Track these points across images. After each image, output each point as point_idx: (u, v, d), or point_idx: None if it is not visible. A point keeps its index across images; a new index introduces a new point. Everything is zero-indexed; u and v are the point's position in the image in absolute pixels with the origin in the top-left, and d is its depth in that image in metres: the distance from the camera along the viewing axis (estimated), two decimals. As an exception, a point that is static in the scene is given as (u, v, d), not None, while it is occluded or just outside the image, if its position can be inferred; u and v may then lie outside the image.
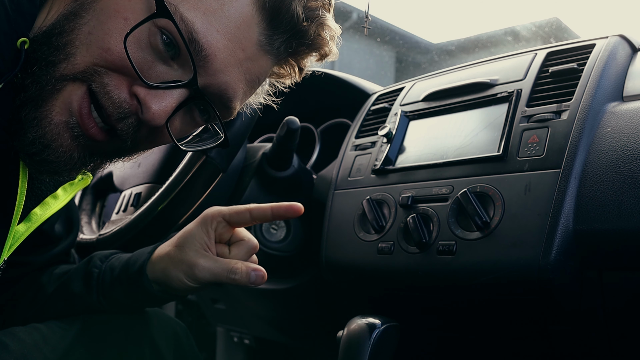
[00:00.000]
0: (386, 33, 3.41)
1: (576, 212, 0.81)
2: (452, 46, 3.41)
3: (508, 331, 0.97)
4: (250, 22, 0.72)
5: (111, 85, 0.68)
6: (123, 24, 0.66)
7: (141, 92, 0.68)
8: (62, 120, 0.67)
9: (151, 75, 0.69)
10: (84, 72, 0.67)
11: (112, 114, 0.68)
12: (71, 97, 0.67)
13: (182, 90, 0.70)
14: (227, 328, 1.83)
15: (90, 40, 0.66)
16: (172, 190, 1.01)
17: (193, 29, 0.67)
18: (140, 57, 0.68)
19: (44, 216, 0.86)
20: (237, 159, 1.20)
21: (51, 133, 0.67)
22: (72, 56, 0.66)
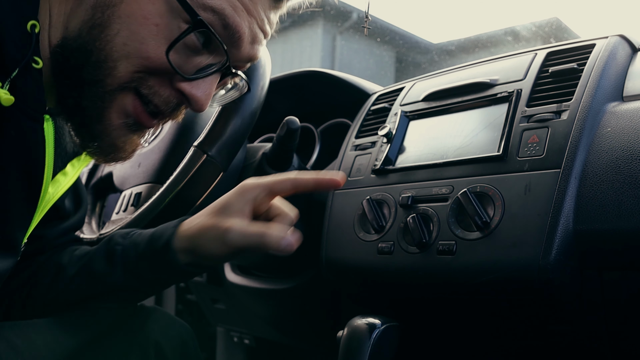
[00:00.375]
0: (386, 33, 3.41)
1: (576, 212, 0.81)
2: (452, 46, 3.41)
3: (508, 331, 0.97)
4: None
5: (156, 85, 0.74)
6: (156, 30, 0.70)
7: (185, 87, 0.75)
8: (120, 122, 0.75)
9: (188, 69, 0.75)
10: (129, 81, 0.72)
11: (165, 110, 0.77)
12: (124, 103, 0.74)
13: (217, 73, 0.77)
14: (227, 328, 1.83)
15: (127, 52, 0.70)
16: (172, 190, 1.01)
17: (225, 15, 0.72)
18: (177, 58, 0.72)
19: (57, 194, 0.88)
20: (237, 159, 1.20)
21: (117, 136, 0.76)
22: (114, 69, 0.71)
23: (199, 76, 0.75)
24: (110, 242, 0.93)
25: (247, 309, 1.55)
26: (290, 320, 1.48)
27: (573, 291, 0.84)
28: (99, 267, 0.91)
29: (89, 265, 0.92)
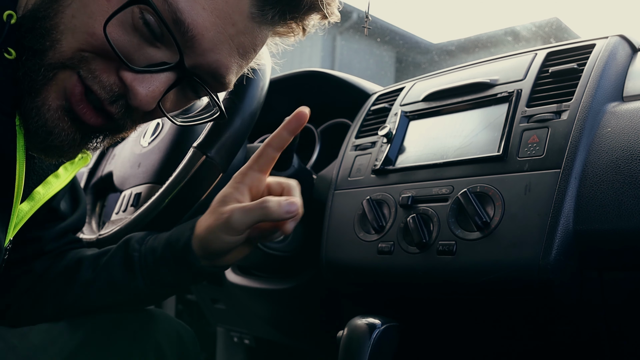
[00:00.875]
0: (386, 33, 3.41)
1: (576, 212, 0.81)
2: (452, 46, 3.41)
3: (508, 331, 0.97)
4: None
5: (99, 70, 0.67)
6: (106, 6, 0.64)
7: (128, 77, 0.67)
8: (59, 104, 0.67)
9: (137, 59, 0.67)
10: (71, 58, 0.66)
11: (104, 98, 0.68)
12: (64, 83, 0.67)
13: (170, 73, 0.69)
14: (227, 328, 1.83)
15: (74, 25, 0.65)
16: (172, 190, 1.01)
17: (177, 9, 0.65)
18: (125, 41, 0.66)
19: (47, 195, 0.85)
20: (237, 159, 1.19)
21: (52, 119, 0.67)
22: (58, 42, 0.65)
23: (146, 70, 0.67)
24: (127, 249, 0.93)
25: (247, 309, 1.55)
26: (290, 320, 1.48)
27: (573, 291, 0.84)
28: (119, 275, 0.91)
29: (107, 271, 0.92)
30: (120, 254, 0.93)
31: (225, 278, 1.47)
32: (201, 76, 0.72)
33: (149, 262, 0.90)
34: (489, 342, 1.04)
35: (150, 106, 0.69)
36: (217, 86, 0.74)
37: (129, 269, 0.91)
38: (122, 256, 0.92)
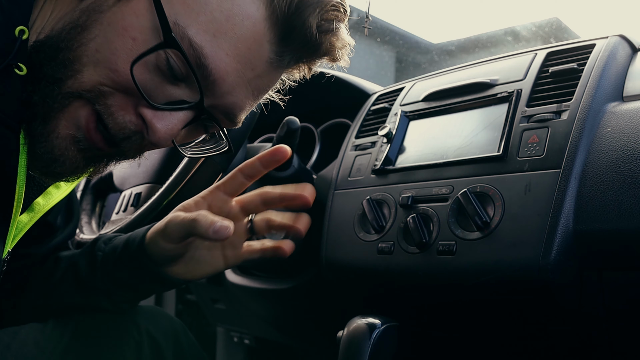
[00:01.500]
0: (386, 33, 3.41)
1: (576, 212, 0.81)
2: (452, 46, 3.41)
3: (508, 331, 0.97)
4: (261, 40, 0.70)
5: (115, 106, 0.68)
6: (131, 44, 0.66)
7: (148, 114, 0.68)
8: (69, 133, 0.68)
9: (157, 96, 0.69)
10: (89, 90, 0.67)
11: (116, 135, 0.69)
12: (78, 113, 0.68)
13: (188, 111, 0.70)
14: (227, 328, 1.83)
15: (97, 59, 0.66)
16: (172, 190, 1.02)
17: (202, 54, 0.67)
18: (147, 79, 0.67)
19: (46, 206, 0.85)
20: (237, 159, 1.19)
21: (59, 147, 0.68)
22: (79, 73, 0.66)
23: (166, 107, 0.68)
24: (93, 248, 0.93)
25: (247, 309, 1.55)
26: (290, 320, 1.48)
27: (573, 291, 0.84)
28: (83, 273, 0.91)
29: (73, 271, 0.93)
30: (87, 252, 0.93)
31: (225, 278, 1.47)
32: (215, 115, 0.74)
33: (109, 261, 0.90)
34: (488, 342, 1.04)
35: (167, 143, 0.71)
36: (227, 123, 0.76)
37: (92, 267, 0.91)
38: (88, 254, 0.93)
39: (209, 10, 0.67)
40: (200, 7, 0.67)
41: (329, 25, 0.74)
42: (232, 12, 0.68)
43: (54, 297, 0.93)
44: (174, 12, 0.65)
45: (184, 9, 0.66)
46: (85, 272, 0.91)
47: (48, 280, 0.95)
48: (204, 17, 0.67)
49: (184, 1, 0.66)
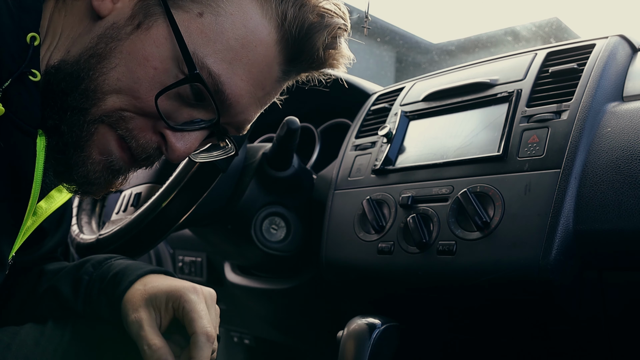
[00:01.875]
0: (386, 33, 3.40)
1: (576, 212, 0.81)
2: (452, 46, 3.41)
3: (508, 331, 0.97)
4: (272, 63, 0.74)
5: (137, 129, 0.71)
6: (153, 73, 0.68)
7: (168, 134, 0.72)
8: (102, 159, 0.72)
9: (176, 118, 0.73)
10: (110, 116, 0.69)
11: (139, 155, 0.73)
12: (107, 139, 0.71)
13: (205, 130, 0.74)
14: (227, 328, 1.83)
15: (119, 87, 0.68)
16: (172, 190, 1.01)
17: (219, 81, 0.70)
18: (167, 105, 0.71)
19: (49, 210, 0.86)
20: (237, 159, 1.19)
21: (94, 171, 0.72)
22: (102, 101, 0.69)
23: (185, 128, 0.72)
24: (81, 269, 0.93)
25: (247, 309, 1.55)
26: (290, 320, 1.48)
27: (573, 291, 0.84)
28: (65, 292, 0.91)
29: (56, 286, 0.92)
30: (73, 272, 0.93)
31: (225, 278, 1.47)
32: (227, 129, 0.78)
33: (94, 289, 0.90)
34: (488, 341, 1.04)
35: (184, 158, 0.75)
36: (235, 133, 0.80)
37: (75, 289, 0.91)
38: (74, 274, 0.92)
39: (225, 39, 0.70)
40: (217, 36, 0.69)
41: (333, 43, 0.77)
42: (246, 40, 0.71)
43: (35, 309, 0.93)
44: (192, 42, 0.68)
45: (201, 39, 0.69)
46: (67, 291, 0.91)
47: (30, 294, 0.94)
48: (220, 46, 0.69)
49: (201, 30, 0.69)
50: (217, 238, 1.34)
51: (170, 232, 1.06)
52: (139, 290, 0.85)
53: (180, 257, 1.72)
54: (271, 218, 1.22)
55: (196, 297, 0.82)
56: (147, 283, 0.86)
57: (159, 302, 0.83)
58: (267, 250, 1.21)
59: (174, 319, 0.84)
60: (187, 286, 0.84)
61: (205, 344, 0.78)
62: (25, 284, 0.96)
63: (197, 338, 0.78)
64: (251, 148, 1.26)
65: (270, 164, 1.19)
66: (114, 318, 0.87)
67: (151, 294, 0.84)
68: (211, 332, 0.79)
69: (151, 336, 0.79)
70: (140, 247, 1.08)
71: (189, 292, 0.83)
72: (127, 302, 0.85)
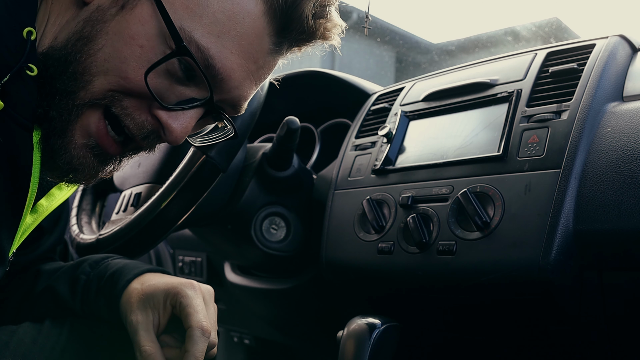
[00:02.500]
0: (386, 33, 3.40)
1: (576, 212, 0.81)
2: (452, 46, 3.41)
3: (508, 331, 0.97)
4: (262, 34, 0.73)
5: (132, 107, 0.71)
6: (139, 51, 0.68)
7: (162, 115, 0.71)
8: (83, 142, 0.71)
9: (169, 97, 0.72)
10: (102, 97, 0.69)
11: (136, 134, 0.72)
12: (89, 121, 0.70)
13: (199, 108, 0.73)
14: (227, 328, 1.83)
15: (107, 68, 0.68)
16: (172, 190, 1.01)
17: (209, 55, 0.69)
18: (158, 83, 0.70)
19: (50, 207, 0.86)
20: (237, 159, 1.19)
21: (77, 156, 0.71)
22: (90, 84, 0.68)
23: (179, 107, 0.71)
24: (78, 269, 0.93)
25: (247, 309, 1.55)
26: (290, 320, 1.48)
27: (573, 291, 0.84)
28: (62, 291, 0.91)
29: (54, 287, 0.92)
30: (70, 271, 0.93)
31: (225, 278, 1.47)
32: (222, 107, 0.77)
33: (91, 289, 0.89)
34: (488, 341, 1.04)
35: (182, 140, 0.74)
36: (232, 112, 0.79)
37: (72, 289, 0.91)
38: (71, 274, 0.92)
39: (211, 12, 0.69)
40: (203, 10, 0.68)
41: (322, 11, 0.76)
42: (233, 12, 0.70)
43: (33, 309, 0.93)
44: (179, 18, 0.67)
45: (187, 14, 0.68)
46: (65, 291, 0.91)
47: (28, 294, 0.94)
48: (207, 20, 0.69)
49: (186, 5, 0.68)
50: (217, 238, 1.34)
51: (171, 232, 1.06)
52: (136, 289, 0.85)
53: (180, 257, 1.72)
54: (271, 218, 1.22)
55: (193, 292, 0.83)
56: (144, 282, 0.86)
57: (157, 301, 0.83)
58: (267, 250, 1.21)
59: (173, 316, 0.84)
60: (184, 282, 0.84)
61: (200, 337, 0.77)
62: (22, 284, 0.96)
63: (192, 332, 0.78)
64: (251, 148, 1.26)
65: (270, 164, 1.19)
66: (112, 317, 0.87)
67: (148, 294, 0.84)
68: (207, 326, 0.79)
69: (144, 341, 0.79)
70: (140, 247, 1.08)
71: (185, 287, 0.83)
72: (124, 302, 0.85)
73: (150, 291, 0.84)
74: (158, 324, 0.83)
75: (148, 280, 0.87)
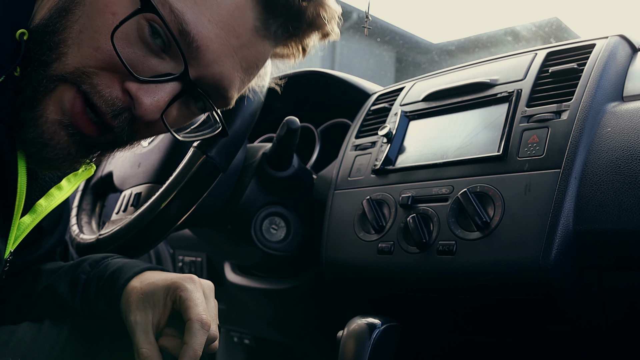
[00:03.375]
0: (386, 33, 3.41)
1: (576, 212, 0.81)
2: (452, 46, 3.41)
3: (508, 331, 0.97)
4: (244, 7, 0.70)
5: (102, 84, 0.67)
6: (111, 19, 0.65)
7: (133, 88, 0.68)
8: (56, 119, 0.68)
9: (143, 70, 0.68)
10: (72, 73, 0.67)
11: (106, 112, 0.68)
12: (63, 97, 0.67)
13: (175, 83, 0.70)
14: (227, 328, 1.83)
15: (81, 39, 0.66)
16: (172, 190, 1.01)
17: (183, 20, 0.66)
18: (130, 52, 0.67)
19: (49, 207, 0.85)
20: (237, 159, 1.19)
21: (48, 132, 0.68)
22: (64, 56, 0.66)
23: (151, 80, 0.68)
24: (78, 268, 0.92)
25: (247, 309, 1.55)
26: (290, 320, 1.48)
27: (573, 291, 0.84)
28: (62, 291, 0.90)
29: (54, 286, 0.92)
30: (70, 271, 0.93)
31: (225, 278, 1.47)
32: (205, 89, 0.73)
33: (91, 289, 0.89)
34: (488, 342, 1.04)
35: (154, 116, 0.69)
36: (219, 101, 0.76)
37: (72, 288, 0.90)
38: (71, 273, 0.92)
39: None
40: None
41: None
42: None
43: (33, 309, 0.93)
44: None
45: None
46: (65, 291, 0.90)
47: (28, 294, 0.94)
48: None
49: None
50: (217, 238, 1.34)
51: (171, 232, 1.06)
52: (136, 288, 0.84)
53: (180, 257, 1.72)
54: (271, 218, 1.22)
55: (193, 286, 0.81)
56: (144, 280, 0.86)
57: (156, 299, 0.82)
58: (267, 250, 1.21)
59: (174, 313, 0.83)
60: (183, 277, 0.83)
61: (199, 330, 0.76)
62: (22, 284, 0.96)
63: (191, 324, 0.76)
64: (251, 148, 1.26)
65: (270, 164, 1.19)
66: (112, 316, 0.87)
67: (147, 292, 0.83)
68: (206, 319, 0.77)
69: (142, 343, 0.78)
70: (140, 247, 1.08)
71: (185, 281, 0.82)
72: (124, 301, 0.85)
73: (150, 289, 0.83)
74: (158, 323, 0.82)
75: (147, 278, 0.86)
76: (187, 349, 0.75)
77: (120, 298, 0.85)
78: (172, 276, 0.85)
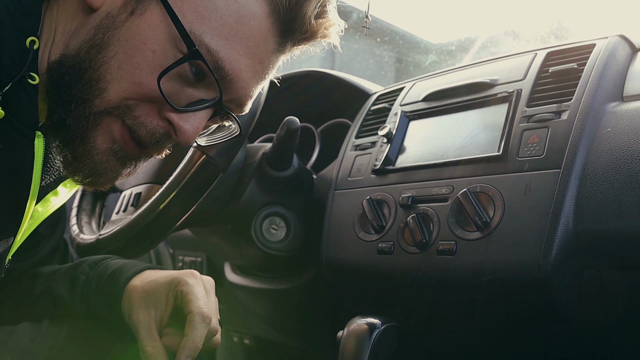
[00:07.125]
0: (386, 33, 3.40)
1: (576, 212, 0.81)
2: (452, 46, 3.41)
3: (508, 331, 0.97)
4: (267, 35, 0.74)
5: (143, 115, 0.72)
6: (151, 56, 0.69)
7: (174, 118, 0.73)
8: (107, 147, 0.73)
9: (179, 99, 0.73)
10: (116, 107, 0.70)
11: (149, 141, 0.74)
12: (111, 128, 0.72)
13: (209, 109, 0.75)
14: (227, 328, 1.83)
15: (120, 75, 0.69)
16: (172, 190, 1.01)
17: (218, 58, 0.71)
18: (169, 87, 0.71)
19: (45, 213, 0.86)
20: (237, 159, 1.19)
21: (101, 161, 0.73)
22: (105, 91, 0.69)
23: (189, 109, 0.73)
24: (77, 269, 0.93)
25: (247, 309, 1.55)
26: (290, 320, 1.48)
27: (573, 291, 0.84)
28: (61, 291, 0.91)
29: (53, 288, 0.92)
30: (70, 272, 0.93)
31: (225, 278, 1.47)
32: (229, 107, 0.78)
33: (91, 289, 0.90)
34: (488, 341, 1.04)
35: (193, 140, 0.75)
36: (237, 111, 0.81)
37: (72, 289, 0.91)
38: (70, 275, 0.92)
39: (219, 16, 0.70)
40: (211, 14, 0.70)
41: (323, 11, 0.78)
42: (240, 14, 0.71)
43: (32, 311, 0.93)
44: (188, 21, 0.69)
45: (196, 17, 0.69)
46: (64, 291, 0.91)
47: (26, 296, 0.94)
48: (215, 23, 0.70)
49: (195, 9, 0.69)
50: (217, 238, 1.34)
51: (171, 232, 1.06)
52: (137, 286, 0.85)
53: (180, 257, 1.72)
54: (271, 218, 1.22)
55: (194, 280, 0.83)
56: (144, 279, 0.87)
57: (158, 297, 0.83)
58: (267, 250, 1.21)
59: (176, 310, 0.84)
60: (184, 272, 0.85)
61: (200, 323, 0.78)
62: (21, 286, 0.96)
63: (192, 317, 0.78)
64: (251, 148, 1.26)
65: (270, 164, 1.19)
66: (112, 316, 0.87)
67: (148, 290, 0.84)
68: (207, 312, 0.79)
69: (146, 340, 0.80)
70: (140, 247, 1.08)
71: (186, 276, 0.83)
72: (125, 300, 0.85)
73: (151, 287, 0.84)
74: (160, 320, 0.83)
75: (148, 276, 0.87)
76: (188, 341, 0.77)
77: (121, 297, 0.86)
78: (172, 273, 0.86)
